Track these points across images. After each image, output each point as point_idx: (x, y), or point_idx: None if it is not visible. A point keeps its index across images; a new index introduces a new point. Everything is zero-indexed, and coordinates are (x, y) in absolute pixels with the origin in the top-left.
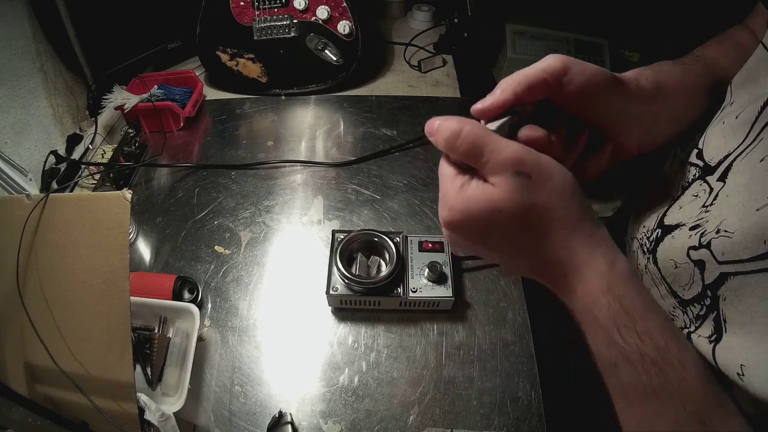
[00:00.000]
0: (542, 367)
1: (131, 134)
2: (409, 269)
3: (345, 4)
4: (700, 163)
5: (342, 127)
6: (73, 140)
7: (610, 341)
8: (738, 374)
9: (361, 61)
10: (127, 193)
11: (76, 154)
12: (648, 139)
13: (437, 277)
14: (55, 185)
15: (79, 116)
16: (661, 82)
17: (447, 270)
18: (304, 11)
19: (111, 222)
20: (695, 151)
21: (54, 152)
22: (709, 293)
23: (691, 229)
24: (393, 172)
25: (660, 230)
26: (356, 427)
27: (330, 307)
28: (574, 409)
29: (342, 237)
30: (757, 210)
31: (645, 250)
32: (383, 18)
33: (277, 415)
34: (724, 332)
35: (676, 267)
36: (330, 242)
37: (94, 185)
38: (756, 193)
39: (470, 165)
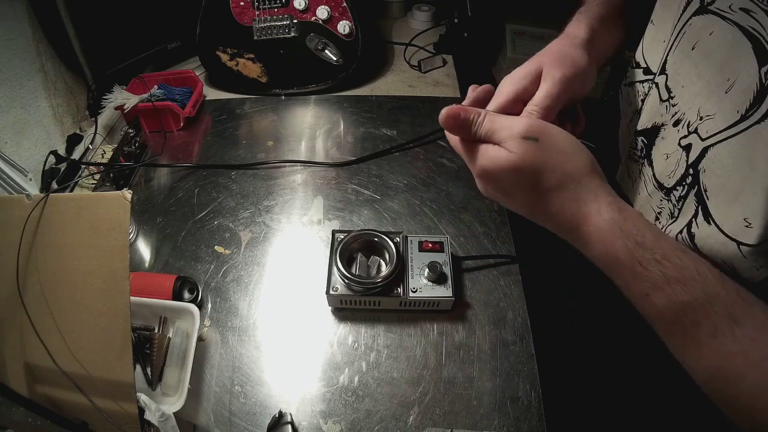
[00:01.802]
0: (542, 367)
1: (131, 134)
2: (409, 269)
3: (345, 4)
4: (649, 77)
5: (342, 127)
6: (73, 140)
7: (635, 275)
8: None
9: (361, 61)
10: (127, 193)
11: (76, 154)
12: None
13: (437, 277)
14: (55, 185)
15: (79, 116)
16: (599, 43)
17: (447, 270)
18: (304, 11)
19: (111, 222)
20: (641, 69)
21: (54, 152)
22: (691, 171)
23: (675, 125)
24: (393, 172)
25: (642, 137)
26: (356, 427)
27: (330, 307)
28: (574, 409)
29: (342, 237)
30: (725, 93)
31: (637, 157)
32: (383, 18)
33: (277, 415)
34: (706, 200)
35: (667, 158)
36: (330, 242)
37: (94, 185)
38: (709, 77)
39: (488, 141)
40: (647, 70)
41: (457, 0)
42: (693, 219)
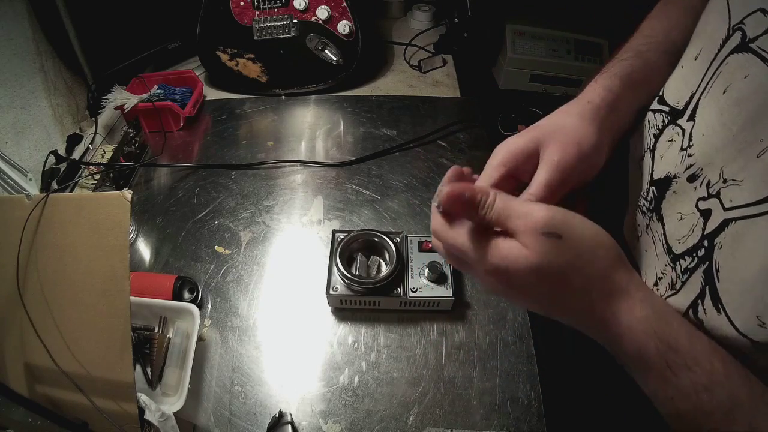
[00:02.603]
0: (542, 367)
1: (131, 134)
2: (409, 269)
3: (345, 4)
4: (666, 108)
5: (342, 127)
6: (73, 140)
7: (663, 379)
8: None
9: (361, 61)
10: (127, 193)
11: (76, 154)
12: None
13: (437, 277)
14: (55, 185)
15: (79, 116)
16: (618, 108)
17: (447, 270)
18: (304, 11)
19: (111, 222)
20: (656, 97)
21: (54, 152)
22: (705, 243)
23: (690, 180)
24: (393, 172)
25: (654, 187)
26: (356, 427)
27: (330, 307)
28: (574, 409)
29: (342, 237)
30: (757, 156)
31: (645, 210)
32: (383, 18)
33: (277, 415)
34: (716, 281)
35: (681, 219)
36: (330, 242)
37: (94, 185)
38: (737, 131)
39: (497, 227)
40: (662, 100)
41: (457, 0)
42: (699, 300)
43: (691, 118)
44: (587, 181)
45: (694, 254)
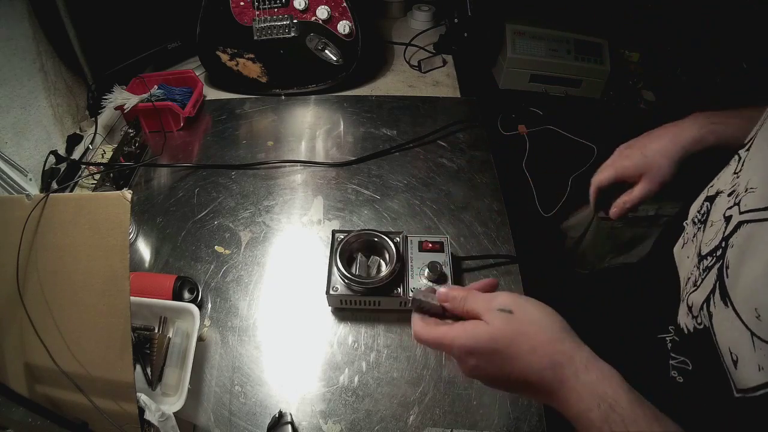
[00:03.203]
0: None
1: (131, 134)
2: (409, 269)
3: (345, 4)
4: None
5: (342, 127)
6: (73, 140)
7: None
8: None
9: (361, 61)
10: (127, 193)
11: (76, 154)
12: None
13: (437, 277)
14: (55, 185)
15: (79, 116)
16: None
17: (447, 270)
18: (304, 11)
19: (111, 222)
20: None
21: (54, 152)
22: (723, 244)
23: (729, 195)
24: (393, 172)
25: (707, 203)
26: (356, 427)
27: (330, 307)
28: None
29: (342, 237)
30: None
31: (696, 221)
32: (383, 18)
33: (277, 415)
34: (725, 278)
35: (712, 225)
36: (330, 242)
37: (94, 185)
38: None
39: (467, 317)
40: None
41: (457, 0)
42: (711, 295)
43: (748, 148)
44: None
45: (715, 254)
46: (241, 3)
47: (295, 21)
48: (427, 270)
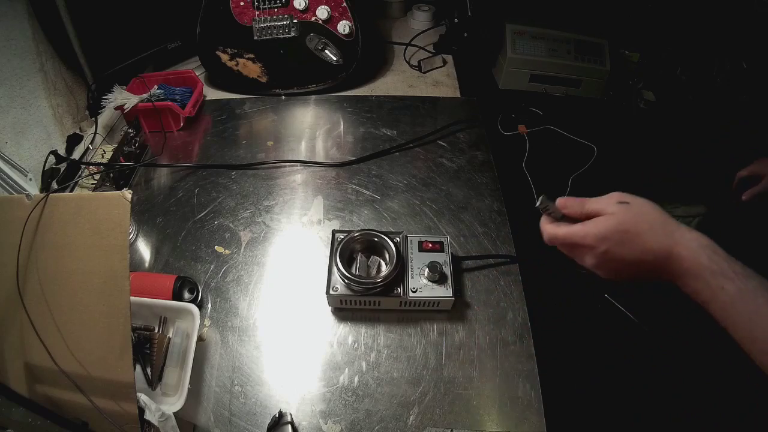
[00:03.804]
0: (542, 367)
1: (131, 134)
2: (409, 269)
3: (345, 4)
4: None
5: (342, 127)
6: (73, 140)
7: (713, 273)
8: None
9: (361, 61)
10: (127, 193)
11: (76, 154)
12: None
13: (437, 277)
14: (55, 185)
15: (79, 116)
16: None
17: (447, 270)
18: (304, 11)
19: (111, 222)
20: None
21: (54, 152)
22: None
23: None
24: (393, 172)
25: None
26: (356, 427)
27: (330, 307)
28: (574, 408)
29: (342, 237)
30: None
31: None
32: (383, 18)
33: (277, 415)
34: None
35: None
36: (330, 242)
37: (94, 185)
38: None
39: (584, 218)
40: None
41: (457, 0)
42: None
43: None
44: None
45: None
46: (241, 3)
47: (295, 21)
48: (427, 270)
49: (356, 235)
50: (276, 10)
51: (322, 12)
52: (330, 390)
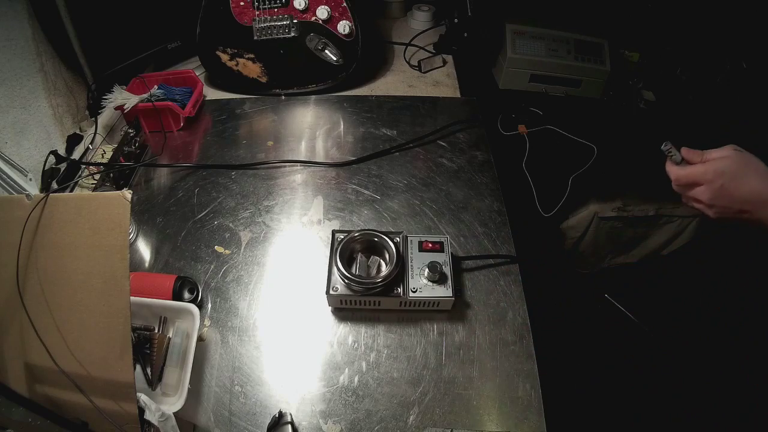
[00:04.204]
0: (542, 367)
1: (131, 134)
2: (409, 269)
3: (345, 4)
4: None
5: (342, 127)
6: (73, 140)
7: None
8: None
9: (361, 61)
10: (127, 193)
11: (76, 154)
12: None
13: (437, 277)
14: (55, 185)
15: (79, 116)
16: None
17: (447, 270)
18: (304, 11)
19: (111, 222)
20: None
21: (54, 152)
22: None
23: None
24: (393, 172)
25: None
26: (356, 427)
27: (330, 307)
28: (574, 408)
29: (342, 237)
30: None
31: None
32: (383, 18)
33: (277, 415)
34: None
35: None
36: (330, 242)
37: (94, 185)
38: None
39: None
40: None
41: (457, 0)
42: None
43: None
44: None
45: None
46: (241, 3)
47: (295, 21)
48: (427, 270)
49: (356, 235)
50: (276, 10)
51: (322, 12)
52: (330, 390)
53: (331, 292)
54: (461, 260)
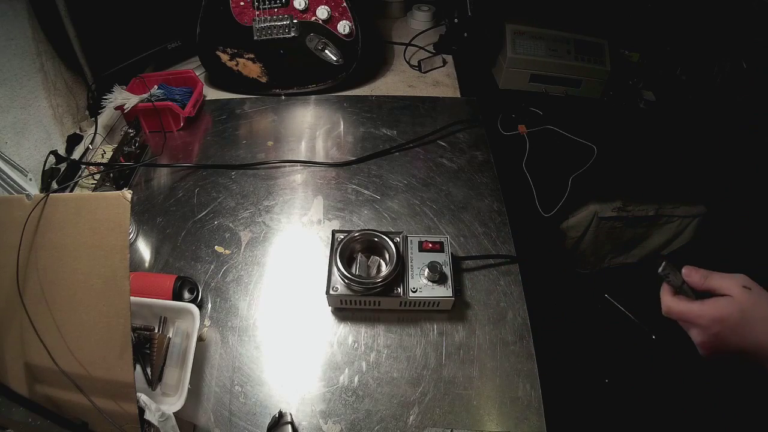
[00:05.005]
0: (542, 367)
1: (131, 134)
2: (409, 269)
3: (345, 4)
4: None
5: (342, 127)
6: (73, 140)
7: None
8: None
9: (361, 61)
10: (127, 193)
11: (76, 154)
12: None
13: (437, 277)
14: (55, 185)
15: (79, 116)
16: None
17: (447, 270)
18: (304, 11)
19: (111, 222)
20: None
21: (54, 152)
22: None
23: None
24: (393, 172)
25: None
26: (356, 427)
27: (330, 307)
28: (574, 408)
29: (342, 237)
30: None
31: None
32: (383, 18)
33: (277, 415)
34: None
35: None
36: (330, 242)
37: (94, 185)
38: None
39: (703, 290)
40: None
41: (457, 0)
42: None
43: None
44: None
45: None
46: (241, 3)
47: (295, 21)
48: (427, 270)
49: (356, 235)
50: (276, 10)
51: (322, 12)
52: (330, 390)
53: (331, 292)
54: (461, 260)
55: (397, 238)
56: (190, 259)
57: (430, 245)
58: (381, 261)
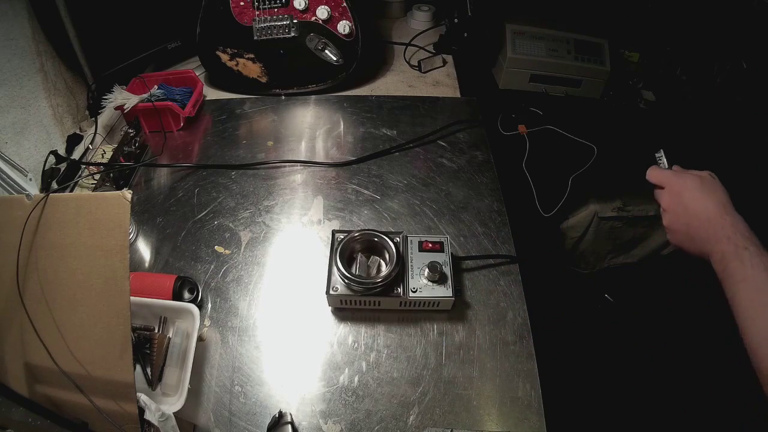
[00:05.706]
0: (542, 367)
1: (131, 134)
2: (409, 269)
3: (345, 4)
4: None
5: (342, 127)
6: (73, 140)
7: (738, 247)
8: None
9: (361, 61)
10: (127, 193)
11: (76, 154)
12: None
13: (437, 277)
14: (55, 185)
15: (79, 116)
16: None
17: (447, 270)
18: (304, 11)
19: (111, 222)
20: None
21: (54, 152)
22: None
23: None
24: (393, 172)
25: None
26: (356, 427)
27: (330, 307)
28: (574, 408)
29: (342, 237)
30: None
31: None
32: (383, 18)
33: (277, 415)
34: None
35: None
36: (330, 242)
37: (94, 185)
38: None
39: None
40: None
41: (457, 0)
42: None
43: None
44: None
45: None
46: (241, 3)
47: (295, 21)
48: (427, 270)
49: (356, 235)
50: (276, 10)
51: (322, 12)
52: (330, 390)
53: (331, 292)
54: (461, 260)
55: (397, 238)
56: (190, 259)
57: (430, 245)
58: (381, 261)
